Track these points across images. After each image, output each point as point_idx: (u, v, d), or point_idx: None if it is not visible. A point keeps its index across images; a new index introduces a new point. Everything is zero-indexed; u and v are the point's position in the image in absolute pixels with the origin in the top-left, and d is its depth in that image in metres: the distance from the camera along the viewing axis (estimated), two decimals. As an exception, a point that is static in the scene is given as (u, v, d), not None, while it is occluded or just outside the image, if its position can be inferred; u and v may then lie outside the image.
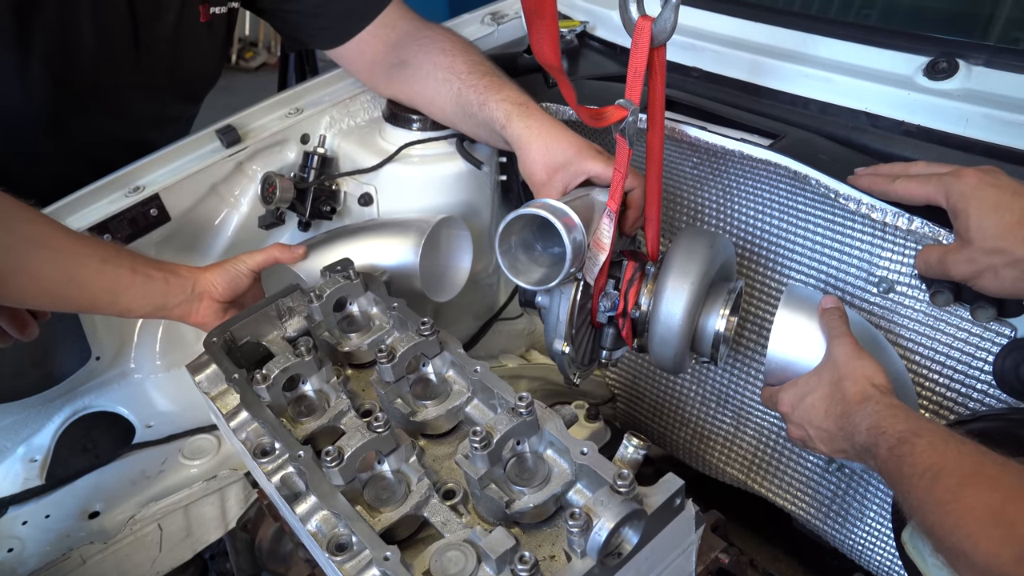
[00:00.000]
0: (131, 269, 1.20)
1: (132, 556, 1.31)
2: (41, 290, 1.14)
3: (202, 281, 1.27)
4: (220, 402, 1.15)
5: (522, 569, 0.81)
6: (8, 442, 1.46)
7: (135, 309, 1.22)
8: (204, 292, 1.27)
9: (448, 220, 1.53)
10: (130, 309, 1.22)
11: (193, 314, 1.26)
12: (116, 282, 1.19)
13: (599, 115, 1.06)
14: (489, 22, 1.83)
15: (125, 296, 1.20)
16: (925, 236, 1.11)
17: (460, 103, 1.42)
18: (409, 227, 1.48)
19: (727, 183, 1.44)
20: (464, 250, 1.58)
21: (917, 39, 1.35)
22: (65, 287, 1.15)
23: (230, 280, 1.29)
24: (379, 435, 0.97)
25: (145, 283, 1.21)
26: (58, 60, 1.45)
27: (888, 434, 0.92)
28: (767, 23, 1.51)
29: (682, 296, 1.16)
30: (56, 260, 1.14)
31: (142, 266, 1.22)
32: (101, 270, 1.18)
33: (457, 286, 1.57)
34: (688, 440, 1.74)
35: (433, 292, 1.49)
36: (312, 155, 1.60)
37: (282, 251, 1.36)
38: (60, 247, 1.15)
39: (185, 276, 1.26)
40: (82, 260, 1.16)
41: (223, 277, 1.28)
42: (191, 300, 1.26)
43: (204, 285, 1.27)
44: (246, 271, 1.31)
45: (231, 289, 1.29)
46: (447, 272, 1.59)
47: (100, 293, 1.18)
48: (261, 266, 1.33)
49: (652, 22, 1.00)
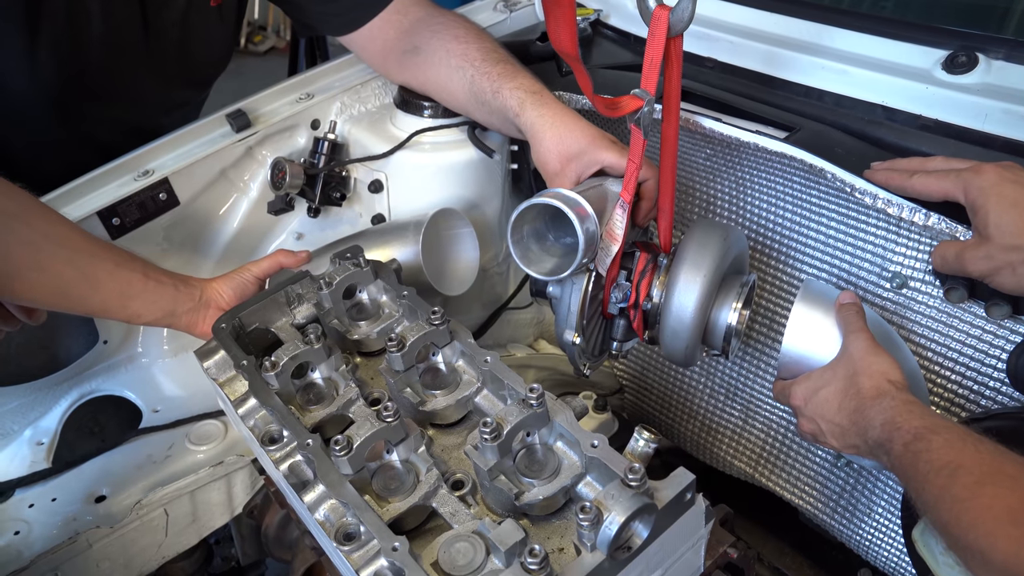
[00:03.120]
0: (143, 274, 1.21)
1: (138, 540, 1.31)
2: (55, 288, 1.14)
3: (209, 290, 1.28)
4: (228, 388, 1.15)
5: (532, 562, 0.80)
6: (15, 424, 1.46)
7: (145, 314, 1.23)
8: (211, 301, 1.28)
9: (447, 213, 1.52)
10: (140, 314, 1.22)
11: (200, 323, 1.27)
12: (129, 286, 1.19)
13: (614, 105, 1.05)
14: (502, 9, 1.81)
15: (136, 301, 1.20)
16: (942, 232, 1.10)
17: (473, 90, 1.40)
18: (407, 225, 1.49)
19: (741, 175, 1.43)
20: (469, 244, 1.58)
21: (936, 32, 1.33)
22: (79, 287, 1.16)
23: (236, 288, 1.30)
24: (388, 424, 0.96)
25: (156, 288, 1.22)
26: (66, 44, 1.44)
27: (904, 430, 0.91)
28: (784, 14, 1.49)
29: (694, 289, 1.15)
30: (73, 259, 1.15)
31: (154, 272, 1.23)
32: (115, 273, 1.18)
33: (468, 280, 1.57)
34: (696, 433, 1.73)
35: (443, 287, 1.49)
36: (322, 141, 1.59)
37: (286, 257, 1.36)
38: (77, 247, 1.16)
39: (194, 285, 1.27)
40: (97, 262, 1.17)
41: (230, 286, 1.30)
42: (198, 308, 1.26)
43: (211, 294, 1.28)
44: (252, 279, 1.32)
45: (238, 298, 1.29)
46: (455, 266, 1.59)
47: (112, 296, 1.19)
48: (266, 273, 1.34)
49: (670, 12, 0.99)
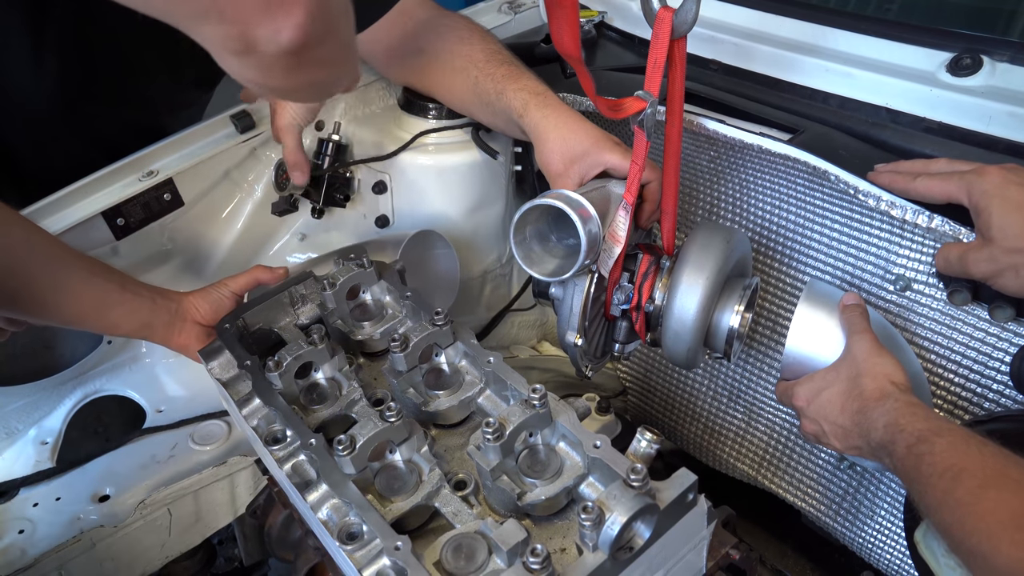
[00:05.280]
0: (120, 285, 1.22)
1: (142, 540, 1.32)
2: (31, 296, 1.14)
3: (186, 304, 1.28)
4: (232, 388, 1.15)
5: (534, 562, 0.81)
6: (20, 424, 1.46)
7: (122, 325, 1.23)
8: (187, 314, 1.28)
9: (426, 235, 1.52)
10: (117, 325, 1.23)
11: (175, 336, 1.27)
12: (106, 295, 1.20)
13: (618, 106, 1.05)
14: (506, 11, 1.81)
15: (113, 311, 1.21)
16: (945, 234, 1.10)
17: (477, 92, 1.41)
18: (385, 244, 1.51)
19: (744, 177, 1.43)
20: (449, 264, 1.59)
21: (940, 35, 1.33)
22: (56, 296, 1.16)
23: (212, 303, 1.30)
24: (392, 424, 0.96)
25: (133, 300, 1.22)
26: (73, 42, 1.45)
27: (907, 432, 0.91)
28: (788, 16, 1.50)
29: (697, 291, 1.15)
30: (49, 267, 1.15)
31: (131, 284, 1.24)
32: (92, 282, 1.19)
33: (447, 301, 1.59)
34: (698, 435, 1.73)
35: None
36: (327, 142, 1.59)
37: (264, 272, 1.36)
38: (55, 256, 1.16)
39: (170, 298, 1.28)
40: (73, 271, 1.17)
41: (206, 300, 1.30)
42: (174, 321, 1.27)
43: (187, 308, 1.28)
44: (228, 294, 1.32)
45: (213, 312, 1.30)
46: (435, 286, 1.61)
47: (88, 306, 1.19)
48: (244, 289, 1.34)
49: (674, 13, 0.99)
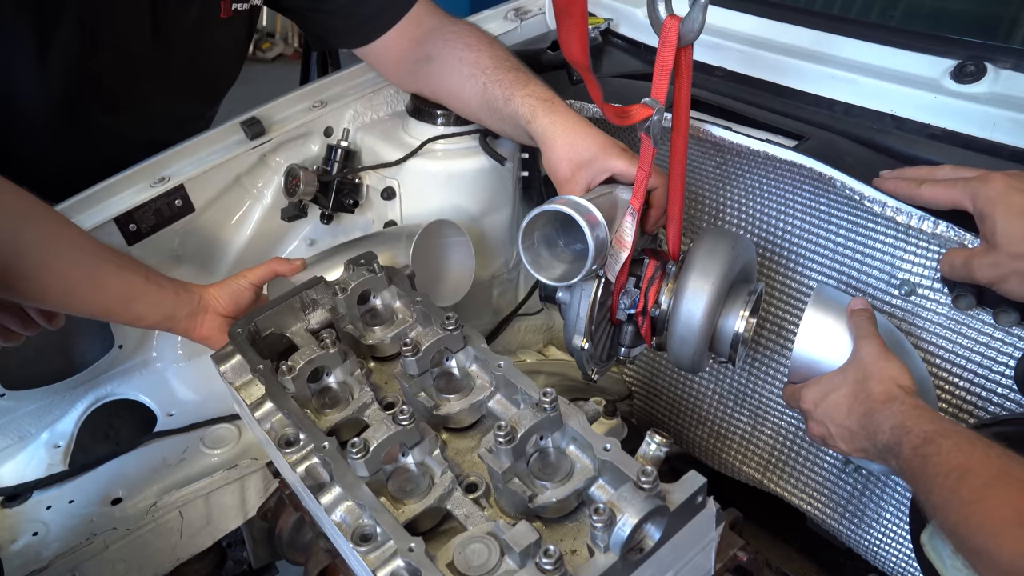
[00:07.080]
0: (145, 277, 1.24)
1: (153, 542, 1.32)
2: (62, 289, 1.16)
3: (207, 296, 1.30)
4: (244, 392, 1.16)
5: (547, 563, 0.82)
6: (32, 428, 1.48)
7: (146, 317, 1.25)
8: (208, 306, 1.30)
9: (441, 224, 1.52)
10: (141, 316, 1.24)
11: (198, 327, 1.29)
12: (131, 288, 1.22)
13: (624, 113, 1.06)
14: (512, 18, 1.82)
15: (138, 303, 1.22)
16: (950, 240, 1.11)
17: (485, 98, 1.42)
18: (399, 235, 1.50)
19: (749, 183, 1.44)
20: (464, 254, 1.58)
21: (945, 42, 1.34)
22: (84, 288, 1.18)
23: (232, 295, 1.32)
24: (404, 428, 0.98)
25: (158, 292, 1.24)
26: (75, 54, 1.46)
27: (913, 433, 0.92)
28: (793, 23, 1.51)
29: (702, 296, 1.16)
30: (79, 261, 1.17)
31: (155, 276, 1.25)
32: (119, 275, 1.21)
33: (462, 290, 1.58)
34: (704, 438, 1.74)
35: (436, 296, 1.50)
36: (336, 148, 1.61)
37: (281, 264, 1.38)
38: (84, 249, 1.18)
39: (192, 290, 1.29)
40: (102, 264, 1.19)
41: (226, 292, 1.32)
42: (196, 313, 1.28)
43: (208, 300, 1.30)
44: (247, 285, 1.34)
45: (234, 303, 1.31)
46: (449, 276, 1.60)
47: (115, 298, 1.21)
48: (262, 280, 1.36)
49: (680, 21, 1.00)
